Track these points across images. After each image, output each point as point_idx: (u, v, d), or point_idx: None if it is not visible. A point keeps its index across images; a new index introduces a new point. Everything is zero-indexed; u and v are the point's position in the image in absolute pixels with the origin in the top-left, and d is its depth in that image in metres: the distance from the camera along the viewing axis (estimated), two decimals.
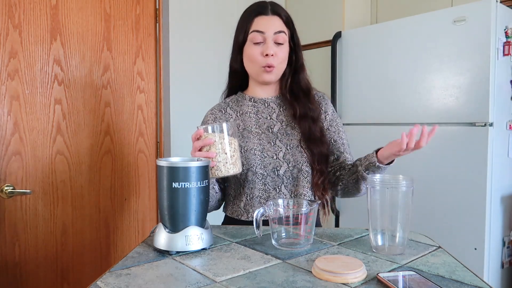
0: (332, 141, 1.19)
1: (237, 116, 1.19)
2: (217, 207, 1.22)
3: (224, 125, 0.96)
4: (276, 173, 1.12)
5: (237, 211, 1.15)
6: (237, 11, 1.22)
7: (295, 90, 1.17)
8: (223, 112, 1.21)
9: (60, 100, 1.55)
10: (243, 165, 1.11)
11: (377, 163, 1.00)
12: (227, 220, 1.20)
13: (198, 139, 0.95)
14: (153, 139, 1.89)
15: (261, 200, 1.12)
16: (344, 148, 1.20)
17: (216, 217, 1.22)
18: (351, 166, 1.13)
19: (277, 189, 1.12)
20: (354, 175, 1.09)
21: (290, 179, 1.12)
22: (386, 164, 1.01)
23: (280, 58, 1.12)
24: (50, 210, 1.53)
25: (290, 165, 1.11)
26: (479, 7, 1.71)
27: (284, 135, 1.14)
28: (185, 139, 1.02)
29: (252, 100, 1.20)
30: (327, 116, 1.20)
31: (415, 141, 0.92)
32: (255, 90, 1.21)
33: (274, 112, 1.18)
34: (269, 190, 1.12)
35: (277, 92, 1.21)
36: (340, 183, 1.15)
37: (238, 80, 1.23)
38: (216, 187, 1.16)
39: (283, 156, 1.12)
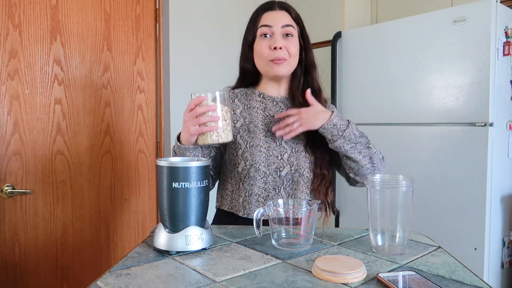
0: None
1: (244, 109, 1.17)
2: None
3: (219, 93, 0.96)
4: (278, 173, 1.11)
5: (236, 206, 1.13)
6: (237, 11, 1.21)
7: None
8: (231, 101, 1.18)
9: (60, 100, 1.55)
10: (246, 160, 1.11)
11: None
12: (223, 215, 1.17)
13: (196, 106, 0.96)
14: (153, 139, 1.89)
15: (259, 198, 1.11)
16: None
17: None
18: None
19: (277, 190, 1.12)
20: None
21: (290, 182, 1.12)
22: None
23: (291, 51, 1.11)
24: (50, 210, 1.53)
25: (292, 168, 1.11)
26: (479, 7, 1.71)
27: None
28: None
29: (261, 96, 1.18)
30: None
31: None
32: (266, 87, 1.19)
33: (282, 112, 1.16)
34: (268, 189, 1.11)
35: (287, 93, 1.20)
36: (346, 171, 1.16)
37: (249, 79, 1.21)
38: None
39: (288, 158, 1.12)
